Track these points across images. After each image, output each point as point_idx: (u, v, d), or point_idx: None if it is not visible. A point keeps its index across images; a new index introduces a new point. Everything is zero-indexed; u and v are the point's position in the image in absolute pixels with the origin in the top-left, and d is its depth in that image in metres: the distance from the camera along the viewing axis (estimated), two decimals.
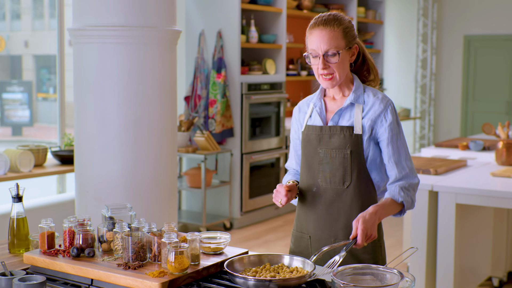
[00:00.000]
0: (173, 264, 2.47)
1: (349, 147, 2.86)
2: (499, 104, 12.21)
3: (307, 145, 2.97)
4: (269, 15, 8.58)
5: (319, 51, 2.81)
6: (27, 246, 3.05)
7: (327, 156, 2.90)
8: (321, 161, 2.92)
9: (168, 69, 5.18)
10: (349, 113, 2.90)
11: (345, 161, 2.87)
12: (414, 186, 2.92)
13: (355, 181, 2.88)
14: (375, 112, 2.88)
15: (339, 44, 2.81)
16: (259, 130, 8.44)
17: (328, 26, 2.83)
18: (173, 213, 5.35)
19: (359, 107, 2.89)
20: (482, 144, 6.38)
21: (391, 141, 2.88)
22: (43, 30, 14.05)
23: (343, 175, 2.88)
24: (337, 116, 2.91)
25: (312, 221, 2.98)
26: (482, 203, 4.74)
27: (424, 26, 12.56)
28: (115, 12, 4.92)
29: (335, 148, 2.88)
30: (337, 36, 2.82)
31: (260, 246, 7.18)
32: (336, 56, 2.81)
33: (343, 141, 2.86)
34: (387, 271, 2.46)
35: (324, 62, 2.81)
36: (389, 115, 2.88)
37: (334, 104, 2.96)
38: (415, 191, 2.94)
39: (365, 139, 2.87)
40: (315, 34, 2.84)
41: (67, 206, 6.33)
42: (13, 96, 12.55)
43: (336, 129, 2.88)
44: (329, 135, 2.89)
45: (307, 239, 3.01)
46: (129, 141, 5.02)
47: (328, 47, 2.80)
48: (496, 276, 5.75)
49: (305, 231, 3.03)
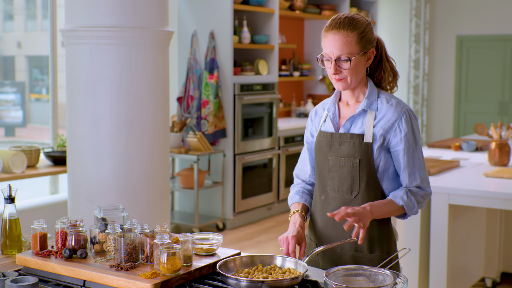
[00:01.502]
0: (166, 265, 2.47)
1: (358, 156, 2.77)
2: (491, 104, 12.23)
3: (319, 152, 2.90)
4: (262, 15, 8.58)
5: (331, 55, 2.74)
6: (20, 247, 3.04)
7: (336, 164, 2.83)
8: (331, 169, 2.85)
9: (160, 69, 5.18)
10: (361, 120, 2.81)
11: (353, 170, 2.79)
12: (423, 195, 2.84)
13: (363, 191, 2.80)
14: (388, 121, 2.78)
15: (352, 50, 2.72)
16: (251, 130, 8.44)
17: (342, 30, 2.72)
18: (165, 214, 5.34)
19: (372, 114, 2.79)
20: (474, 145, 6.39)
21: (407, 152, 2.78)
22: (35, 31, 14.03)
23: (351, 184, 2.81)
24: (349, 123, 2.83)
25: (319, 229, 2.95)
26: (475, 204, 4.74)
27: (416, 26, 12.58)
28: (107, 13, 4.91)
29: (344, 156, 2.80)
30: (350, 41, 2.72)
31: (252, 247, 7.18)
32: (348, 63, 2.72)
33: (353, 149, 2.78)
34: (379, 272, 2.46)
35: (335, 67, 2.74)
36: (403, 125, 2.77)
37: (348, 110, 2.88)
38: (424, 199, 2.84)
39: (376, 148, 2.78)
40: (328, 38, 2.75)
41: (60, 207, 6.32)
42: (6, 97, 12.53)
43: (346, 137, 2.80)
44: (339, 142, 2.82)
45: (314, 246, 2.97)
46: (121, 142, 5.01)
47: (340, 53, 2.72)
48: (489, 277, 5.76)
49: (313, 238, 3.00)
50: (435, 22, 12.67)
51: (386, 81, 2.93)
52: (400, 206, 2.79)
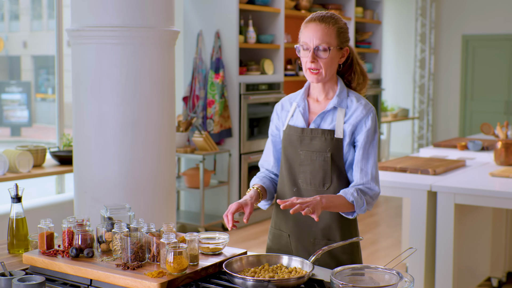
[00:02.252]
0: (172, 265, 2.47)
1: (329, 151, 2.88)
2: (497, 104, 12.21)
3: (288, 145, 2.98)
4: (267, 15, 8.58)
5: (310, 44, 2.84)
6: (26, 247, 3.05)
7: (308, 158, 2.92)
8: (302, 163, 2.94)
9: (166, 69, 5.18)
10: (331, 117, 2.92)
11: (325, 164, 2.89)
12: (372, 195, 2.92)
13: (335, 183, 2.91)
14: (357, 117, 2.89)
15: (331, 41, 2.84)
16: (257, 130, 8.44)
17: (324, 22, 2.85)
18: (171, 214, 5.35)
19: (342, 111, 2.91)
20: (480, 144, 6.38)
21: (363, 146, 2.89)
22: (41, 31, 14.03)
23: (323, 177, 2.90)
24: (319, 119, 2.93)
25: (291, 220, 3.00)
26: (481, 203, 4.74)
27: (422, 26, 12.57)
28: (113, 12, 4.92)
29: (316, 150, 2.90)
30: (330, 33, 2.84)
31: (258, 246, 7.18)
32: (326, 52, 2.83)
33: (324, 144, 2.88)
34: (386, 271, 2.46)
35: (313, 55, 2.84)
36: (369, 121, 2.89)
37: (318, 106, 2.98)
38: (373, 200, 2.92)
39: (345, 144, 2.89)
40: (309, 27, 2.87)
41: (66, 206, 6.33)
42: (12, 97, 12.53)
43: (317, 132, 2.90)
44: (310, 137, 2.91)
45: (287, 237, 3.04)
46: (128, 141, 5.02)
47: (320, 42, 2.83)
48: (495, 277, 5.75)
49: (284, 229, 3.05)
50: (441, 22, 12.65)
51: (356, 82, 3.04)
52: (350, 202, 2.85)
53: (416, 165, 5.42)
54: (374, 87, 10.86)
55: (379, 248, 7.23)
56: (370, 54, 11.05)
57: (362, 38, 10.78)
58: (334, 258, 2.95)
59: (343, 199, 2.83)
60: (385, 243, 7.44)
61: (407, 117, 12.16)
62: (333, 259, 2.94)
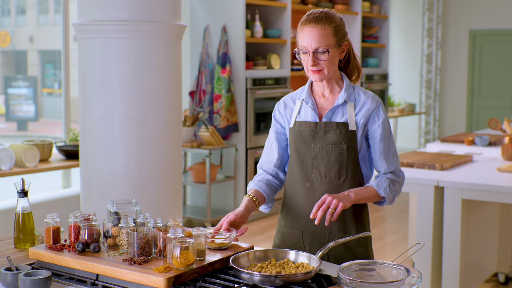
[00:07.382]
0: (179, 260, 2.46)
1: (345, 143, 2.91)
2: (505, 99, 12.18)
3: (299, 141, 2.99)
4: (274, 9, 8.57)
5: (309, 48, 2.85)
6: (33, 241, 3.05)
7: (323, 151, 2.94)
8: (316, 156, 2.95)
9: (173, 64, 5.17)
10: (342, 111, 2.95)
11: (341, 156, 2.92)
12: (400, 182, 3.01)
13: (350, 176, 2.94)
14: (368, 110, 2.94)
15: (329, 42, 2.85)
16: (263, 125, 8.43)
17: (319, 23, 2.85)
18: (177, 208, 5.35)
19: (351, 105, 2.95)
20: (488, 139, 6.36)
21: (383, 137, 2.96)
22: (48, 25, 14.05)
23: (339, 170, 2.93)
24: (330, 113, 2.95)
25: (305, 217, 3.01)
26: (488, 199, 4.72)
27: (429, 20, 12.54)
28: (120, 7, 4.91)
29: (331, 143, 2.92)
30: (327, 34, 2.85)
31: (265, 241, 7.18)
32: (326, 54, 2.85)
33: (339, 137, 2.91)
34: (393, 267, 2.46)
35: (314, 59, 2.86)
36: (381, 113, 2.95)
37: (325, 101, 3.01)
38: (400, 186, 3.02)
39: (359, 136, 2.93)
40: (305, 31, 2.87)
41: (72, 201, 6.34)
42: (18, 91, 12.55)
43: (331, 125, 2.93)
44: (324, 131, 2.93)
45: (298, 234, 3.04)
46: (134, 136, 5.02)
47: (318, 45, 2.84)
48: (502, 272, 5.74)
49: (295, 226, 3.06)
50: (448, 16, 12.62)
51: (355, 75, 3.10)
52: (380, 196, 2.94)
53: (423, 160, 5.40)
54: (381, 82, 10.84)
55: (386, 243, 7.22)
56: (377, 49, 11.02)
57: (369, 33, 10.75)
58: (350, 251, 2.97)
59: (372, 191, 2.92)
60: (392, 238, 7.43)
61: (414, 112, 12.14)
62: (349, 252, 2.96)
